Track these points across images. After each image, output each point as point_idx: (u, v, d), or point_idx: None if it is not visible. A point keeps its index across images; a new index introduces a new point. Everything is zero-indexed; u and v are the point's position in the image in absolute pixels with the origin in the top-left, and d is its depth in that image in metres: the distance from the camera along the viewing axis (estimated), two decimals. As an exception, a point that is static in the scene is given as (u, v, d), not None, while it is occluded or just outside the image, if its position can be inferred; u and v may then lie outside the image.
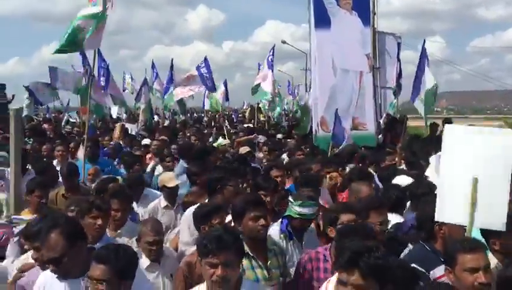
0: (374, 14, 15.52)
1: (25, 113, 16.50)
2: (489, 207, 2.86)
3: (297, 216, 3.67)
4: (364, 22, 10.03)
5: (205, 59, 12.87)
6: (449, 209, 2.98)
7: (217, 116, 26.07)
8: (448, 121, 10.70)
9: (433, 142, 9.28)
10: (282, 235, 3.68)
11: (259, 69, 19.13)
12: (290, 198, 3.82)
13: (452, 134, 3.07)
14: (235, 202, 3.38)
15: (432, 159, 5.99)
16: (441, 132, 10.67)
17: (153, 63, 18.15)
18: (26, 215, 4.23)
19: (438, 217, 3.04)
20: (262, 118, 19.49)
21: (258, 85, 16.27)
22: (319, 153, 8.00)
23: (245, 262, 3.00)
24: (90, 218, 3.50)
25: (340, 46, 9.86)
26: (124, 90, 20.26)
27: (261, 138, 10.35)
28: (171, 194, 5.08)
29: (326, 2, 9.88)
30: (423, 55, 7.95)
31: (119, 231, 4.03)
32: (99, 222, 3.49)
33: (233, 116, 28.17)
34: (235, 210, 3.23)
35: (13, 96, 15.88)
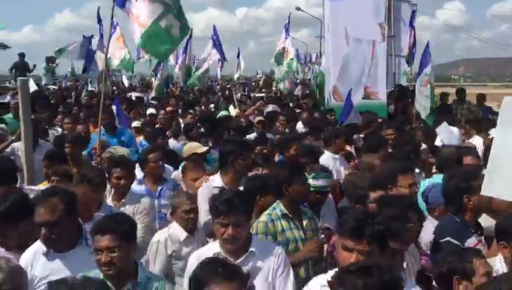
0: (390, -20, 15.29)
1: (43, 82, 16.86)
2: None
3: (312, 189, 3.75)
4: (377, -10, 9.95)
5: (214, 28, 13.07)
6: (499, 184, 2.81)
7: (230, 85, 26.12)
8: (461, 90, 10.73)
9: (444, 112, 9.37)
10: None
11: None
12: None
13: (510, 106, 2.84)
14: (282, 170, 3.61)
15: (438, 129, 6.12)
16: (454, 100, 10.76)
17: None
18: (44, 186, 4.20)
19: (484, 191, 2.89)
20: (274, 88, 19.57)
21: (282, 54, 16.52)
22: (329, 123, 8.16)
23: (285, 224, 3.31)
24: None
25: (353, 15, 9.77)
26: (138, 59, 20.34)
27: (273, 107, 10.34)
28: (199, 161, 5.08)
29: (340, -30, 9.80)
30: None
31: (122, 201, 4.10)
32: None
33: (246, 84, 28.15)
34: (283, 177, 3.45)
35: (34, 65, 16.12)
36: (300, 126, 8.40)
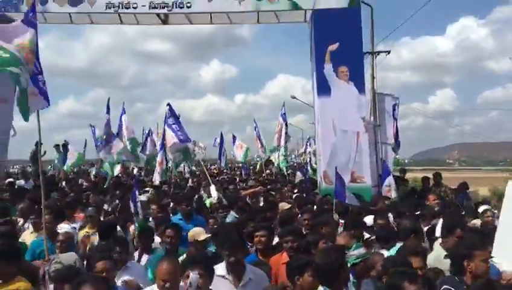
0: (373, 78, 17.16)
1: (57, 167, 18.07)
2: None
3: (358, 260, 4.06)
4: (359, 90, 11.49)
5: (170, 107, 11.64)
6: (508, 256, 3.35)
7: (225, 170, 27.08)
8: (437, 174, 11.92)
9: (424, 194, 10.42)
10: None
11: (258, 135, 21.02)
12: None
13: None
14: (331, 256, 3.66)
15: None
16: (433, 185, 11.90)
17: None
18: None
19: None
20: (269, 171, 20.84)
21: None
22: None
23: None
24: None
25: (339, 110, 11.38)
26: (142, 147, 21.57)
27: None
28: (200, 247, 5.21)
29: (327, 74, 11.49)
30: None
31: None
32: None
33: (243, 168, 29.23)
34: (336, 264, 3.57)
35: (45, 152, 17.20)
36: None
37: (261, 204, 9.44)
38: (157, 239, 6.11)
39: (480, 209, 7.44)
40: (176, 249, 5.39)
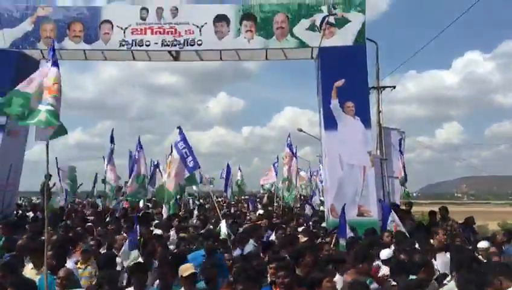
0: (380, 112, 17.42)
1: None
2: None
3: None
4: (365, 125, 11.71)
5: (180, 130, 11.16)
6: None
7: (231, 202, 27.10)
8: (443, 208, 11.94)
9: (431, 229, 10.44)
10: None
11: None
12: None
13: None
14: None
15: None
16: (439, 219, 11.90)
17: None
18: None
19: None
20: (276, 204, 20.79)
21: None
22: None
23: None
24: None
25: (346, 145, 11.56)
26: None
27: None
28: (188, 283, 5.18)
29: (334, 109, 11.74)
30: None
31: None
32: None
33: (250, 201, 29.18)
34: None
35: (54, 184, 17.39)
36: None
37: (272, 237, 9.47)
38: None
39: (480, 245, 7.48)
40: (170, 287, 5.32)
